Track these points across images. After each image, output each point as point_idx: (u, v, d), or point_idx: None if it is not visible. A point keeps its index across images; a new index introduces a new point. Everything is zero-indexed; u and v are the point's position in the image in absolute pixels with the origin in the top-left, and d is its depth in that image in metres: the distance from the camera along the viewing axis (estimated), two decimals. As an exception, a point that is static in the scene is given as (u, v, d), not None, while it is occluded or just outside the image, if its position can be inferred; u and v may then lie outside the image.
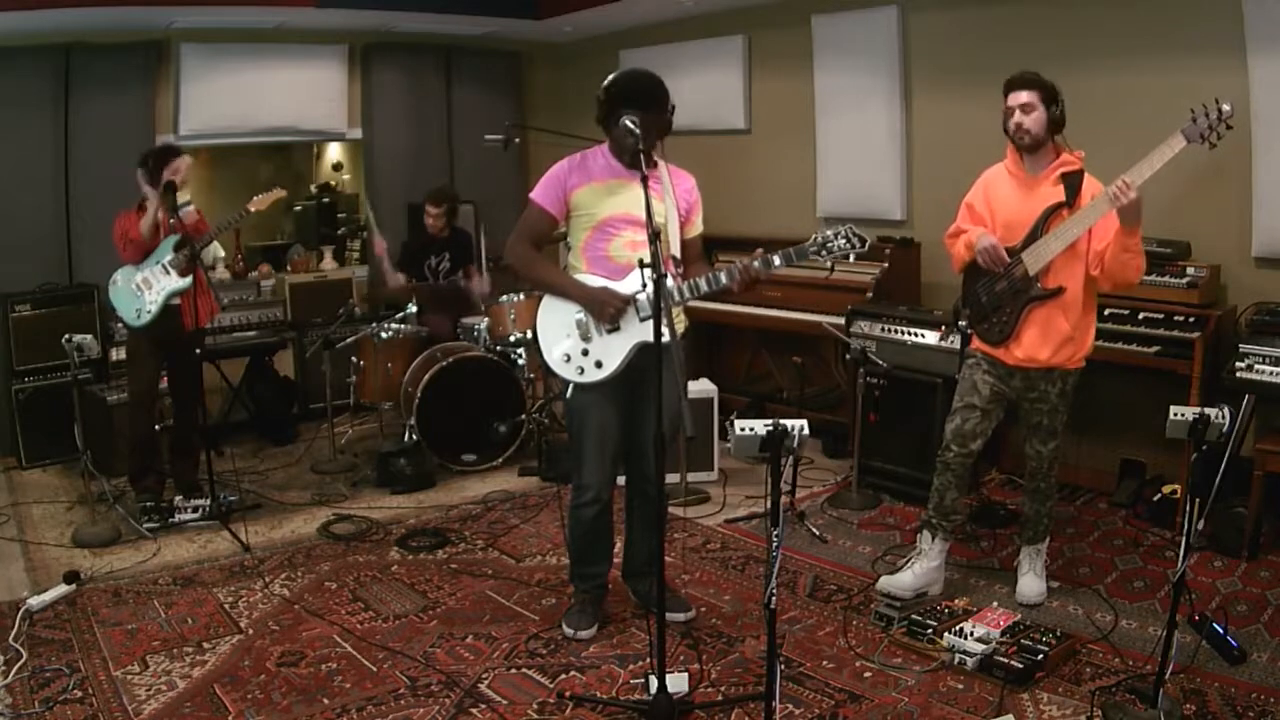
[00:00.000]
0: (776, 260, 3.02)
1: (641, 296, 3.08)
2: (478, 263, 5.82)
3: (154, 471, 4.60)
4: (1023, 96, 3.22)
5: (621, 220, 3.14)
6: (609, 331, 3.13)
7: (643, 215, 2.89)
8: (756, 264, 3.04)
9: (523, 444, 5.24)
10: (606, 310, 3.10)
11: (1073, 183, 3.22)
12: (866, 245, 3.04)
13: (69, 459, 5.10)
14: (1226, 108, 2.91)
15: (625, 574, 3.57)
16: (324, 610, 3.54)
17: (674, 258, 3.18)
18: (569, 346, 3.16)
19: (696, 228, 3.33)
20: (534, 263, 3.25)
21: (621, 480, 3.42)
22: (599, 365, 3.14)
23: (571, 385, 3.21)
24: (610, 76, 3.14)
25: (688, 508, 4.55)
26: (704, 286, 3.08)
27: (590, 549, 3.40)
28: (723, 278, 3.06)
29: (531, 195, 3.24)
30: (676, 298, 3.08)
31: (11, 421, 5.30)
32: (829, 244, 3.01)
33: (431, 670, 3.10)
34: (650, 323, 2.93)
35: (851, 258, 3.04)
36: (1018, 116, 3.24)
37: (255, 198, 4.48)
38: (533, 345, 4.00)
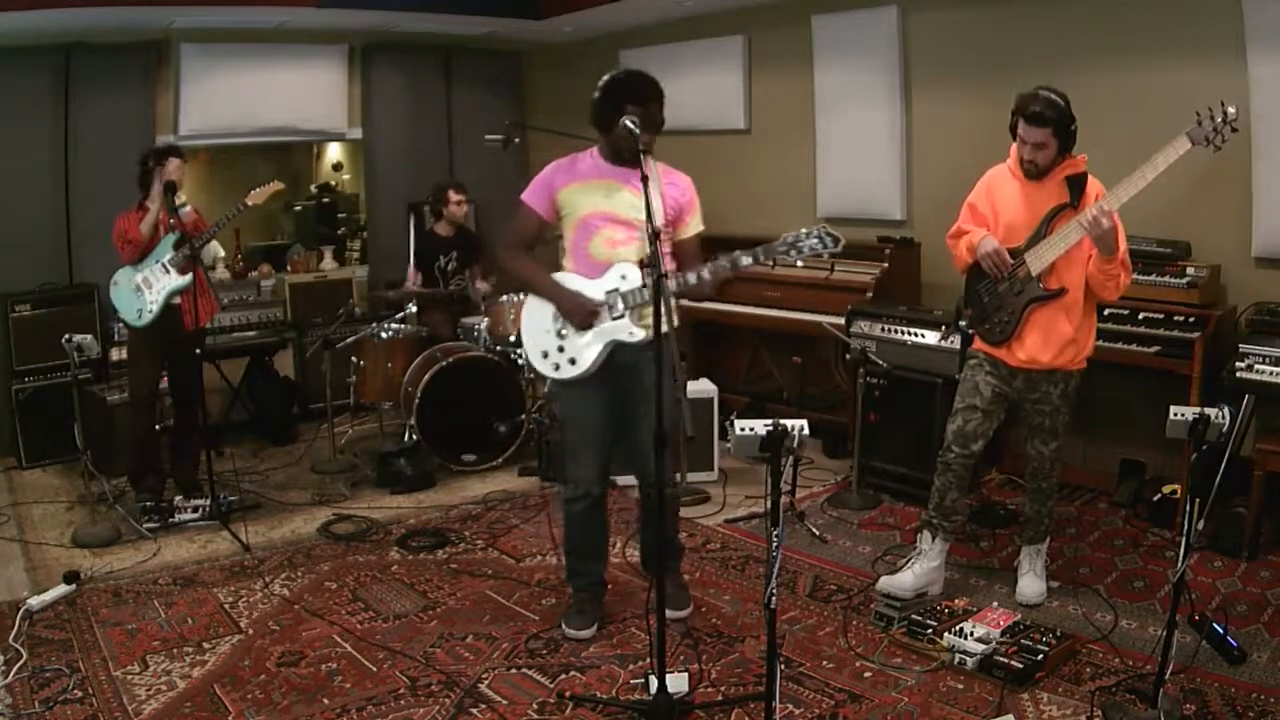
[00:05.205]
0: (745, 260, 3.02)
1: (615, 296, 3.13)
2: (483, 264, 5.82)
3: (154, 471, 4.60)
4: (1037, 135, 3.14)
5: (600, 218, 3.16)
6: (580, 329, 3.18)
7: (623, 214, 3.10)
8: (705, 272, 3.06)
9: (523, 444, 5.24)
10: (575, 317, 3.17)
11: (1077, 184, 3.22)
12: (840, 245, 2.99)
13: (69, 459, 5.09)
14: (1231, 110, 2.90)
15: (643, 564, 3.75)
16: (324, 610, 3.55)
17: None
18: (546, 343, 3.24)
19: (691, 228, 3.32)
20: (518, 262, 3.31)
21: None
22: (573, 362, 3.20)
23: (551, 381, 3.30)
24: (606, 77, 3.13)
25: (687, 508, 4.54)
26: (692, 280, 3.08)
27: (583, 544, 3.42)
28: (706, 273, 3.07)
29: (521, 196, 3.29)
30: (647, 296, 3.08)
31: (11, 421, 5.30)
32: (799, 243, 2.99)
33: (431, 670, 3.10)
34: (622, 322, 3.10)
35: (825, 256, 3.07)
36: (1029, 153, 3.20)
37: (252, 191, 4.48)
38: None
